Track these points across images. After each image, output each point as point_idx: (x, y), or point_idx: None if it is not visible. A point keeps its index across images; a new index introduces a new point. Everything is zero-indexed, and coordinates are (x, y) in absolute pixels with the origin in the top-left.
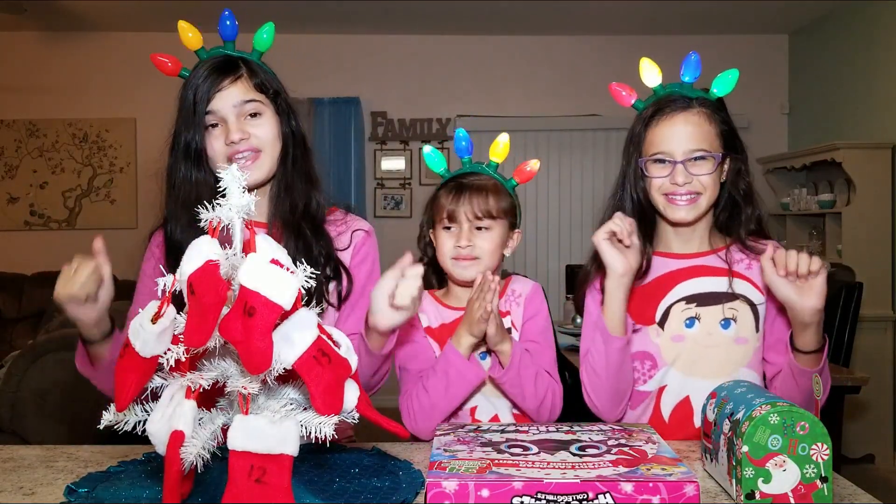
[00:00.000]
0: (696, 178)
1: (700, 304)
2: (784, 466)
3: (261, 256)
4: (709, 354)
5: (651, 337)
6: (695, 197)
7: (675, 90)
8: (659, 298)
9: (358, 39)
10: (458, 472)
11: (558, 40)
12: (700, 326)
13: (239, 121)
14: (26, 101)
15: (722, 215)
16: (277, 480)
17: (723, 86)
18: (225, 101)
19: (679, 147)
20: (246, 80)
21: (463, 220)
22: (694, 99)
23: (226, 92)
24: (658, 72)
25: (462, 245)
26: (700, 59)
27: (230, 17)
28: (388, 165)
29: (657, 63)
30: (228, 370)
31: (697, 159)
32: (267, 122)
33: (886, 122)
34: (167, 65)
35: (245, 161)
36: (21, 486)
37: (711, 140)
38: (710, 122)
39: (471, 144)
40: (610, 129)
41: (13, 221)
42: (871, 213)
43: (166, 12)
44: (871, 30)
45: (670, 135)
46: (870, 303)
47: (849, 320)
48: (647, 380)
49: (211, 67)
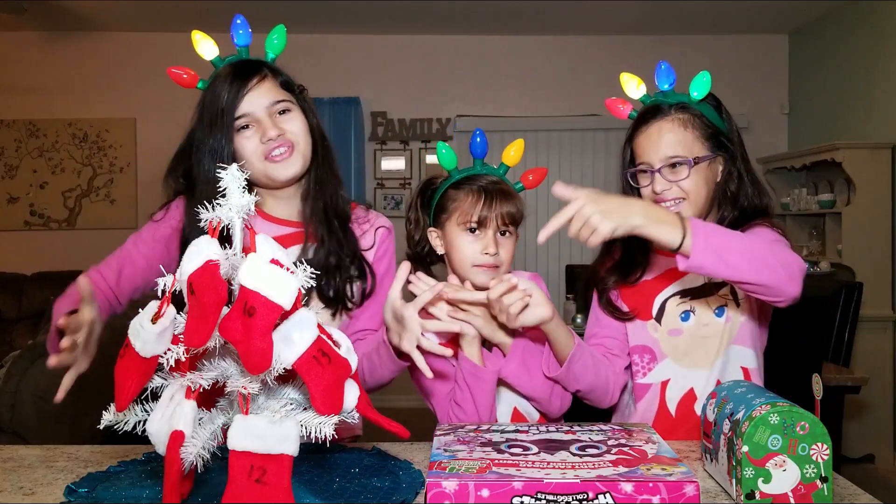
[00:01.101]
0: (675, 185)
1: (694, 298)
2: (784, 466)
3: (261, 256)
4: (706, 344)
5: (649, 331)
6: (679, 202)
7: (656, 99)
8: (656, 292)
9: (358, 39)
10: (458, 472)
11: (558, 40)
12: (695, 318)
13: (272, 119)
14: (26, 101)
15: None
16: (277, 480)
17: (699, 88)
18: (255, 101)
19: (656, 155)
20: (271, 79)
21: (491, 226)
22: (671, 106)
23: (255, 92)
24: (638, 83)
25: (491, 252)
26: (669, 66)
27: (244, 24)
28: (388, 165)
29: (656, 64)
30: (228, 370)
31: (675, 166)
32: (297, 117)
33: (886, 122)
34: (183, 77)
35: (283, 155)
36: (21, 485)
37: (689, 144)
38: (686, 127)
39: (486, 145)
40: (610, 129)
41: (13, 221)
42: (871, 213)
43: (166, 12)
44: (871, 30)
45: (647, 145)
46: (870, 303)
47: (849, 320)
48: (647, 373)
49: (233, 72)
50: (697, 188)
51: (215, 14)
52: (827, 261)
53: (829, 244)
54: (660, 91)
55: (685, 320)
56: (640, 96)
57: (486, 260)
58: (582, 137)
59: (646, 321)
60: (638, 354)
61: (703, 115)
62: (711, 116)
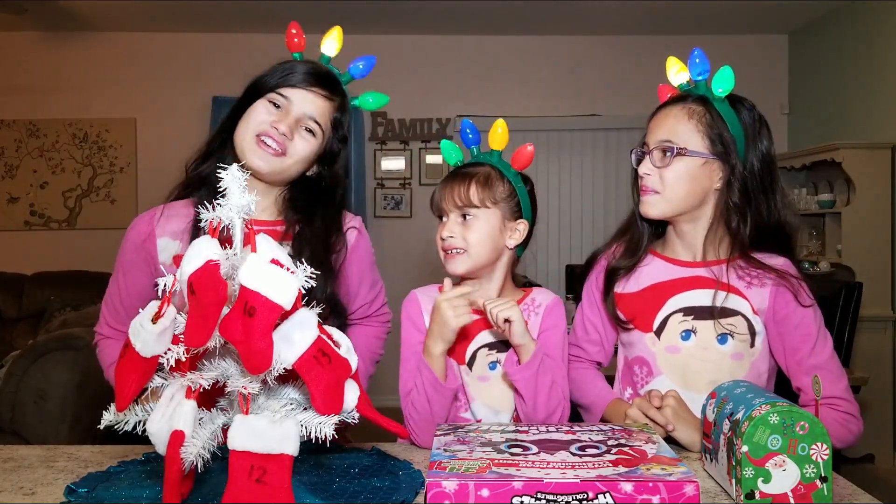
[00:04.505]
0: (657, 173)
1: (697, 318)
2: (784, 466)
3: (261, 256)
4: (704, 369)
5: (647, 344)
6: (652, 192)
7: (684, 88)
8: (657, 307)
9: (358, 39)
10: (458, 471)
11: (558, 40)
12: (696, 340)
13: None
14: (26, 101)
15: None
16: (277, 480)
17: (722, 83)
18: (305, 103)
19: (652, 136)
20: (332, 108)
21: (448, 210)
22: (692, 97)
23: (313, 98)
24: (679, 69)
25: (444, 236)
26: (704, 55)
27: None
28: (388, 165)
29: (657, 63)
30: (228, 370)
31: (665, 152)
32: (311, 144)
33: (886, 122)
34: (295, 41)
35: (269, 148)
36: (21, 485)
37: (686, 134)
38: (691, 118)
39: (477, 134)
40: (609, 129)
41: (13, 221)
42: (870, 213)
43: (166, 12)
44: (870, 30)
45: (652, 126)
46: (870, 303)
47: (848, 320)
48: (644, 385)
49: (314, 70)
50: (677, 182)
51: (215, 14)
52: (827, 261)
53: (828, 244)
54: (692, 82)
55: (685, 339)
56: (679, 83)
57: (443, 244)
58: (582, 137)
59: (645, 333)
60: (637, 366)
61: (719, 113)
62: (727, 117)
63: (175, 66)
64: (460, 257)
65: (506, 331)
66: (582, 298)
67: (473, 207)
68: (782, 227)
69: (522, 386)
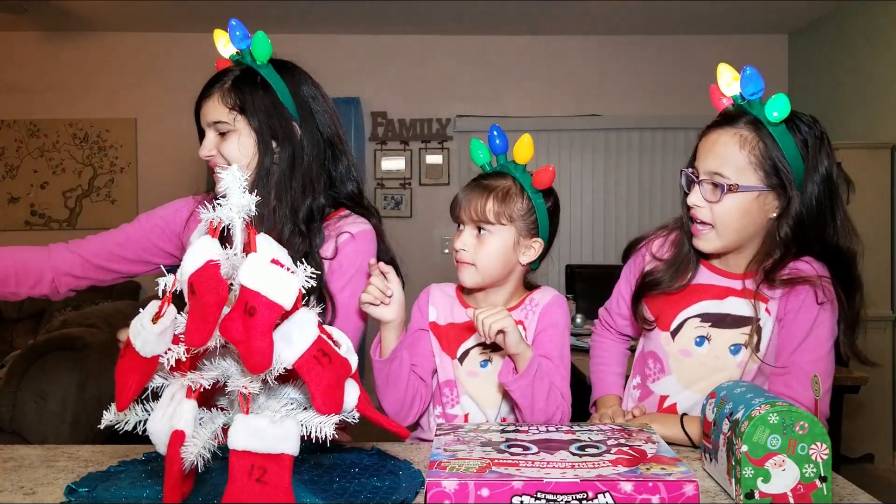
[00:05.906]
0: (709, 206)
1: (714, 325)
2: (783, 466)
3: (261, 256)
4: (712, 377)
5: (662, 343)
6: (706, 228)
7: (737, 105)
8: (681, 307)
9: (358, 39)
10: (458, 471)
11: (558, 40)
12: (709, 347)
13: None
14: (27, 101)
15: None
16: (278, 480)
17: (778, 109)
18: (205, 117)
19: (702, 165)
20: (219, 96)
21: (464, 221)
22: (745, 118)
23: (205, 107)
24: (732, 79)
25: (457, 247)
26: (756, 72)
27: (238, 26)
28: (388, 165)
29: (656, 63)
30: (229, 370)
31: (716, 185)
32: (234, 140)
33: (886, 122)
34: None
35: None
36: (22, 485)
37: (738, 167)
38: (744, 147)
39: (505, 141)
40: (609, 129)
41: (14, 221)
42: (870, 213)
43: (166, 12)
44: (870, 30)
45: (702, 150)
46: (869, 303)
47: None
48: (654, 380)
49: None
50: (729, 218)
51: (215, 15)
52: None
53: None
54: (744, 98)
55: (699, 345)
56: (732, 94)
57: (456, 255)
58: (582, 137)
59: (661, 331)
60: (651, 360)
61: (774, 140)
62: (784, 144)
63: (175, 66)
64: (470, 270)
65: (500, 342)
66: (622, 273)
67: (489, 224)
68: (840, 254)
69: (519, 395)
